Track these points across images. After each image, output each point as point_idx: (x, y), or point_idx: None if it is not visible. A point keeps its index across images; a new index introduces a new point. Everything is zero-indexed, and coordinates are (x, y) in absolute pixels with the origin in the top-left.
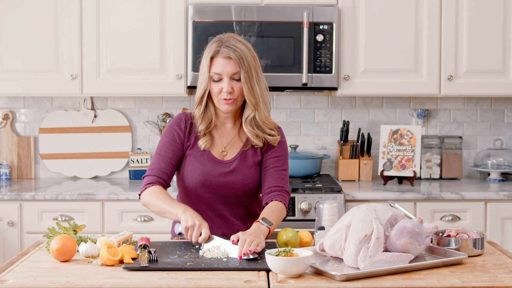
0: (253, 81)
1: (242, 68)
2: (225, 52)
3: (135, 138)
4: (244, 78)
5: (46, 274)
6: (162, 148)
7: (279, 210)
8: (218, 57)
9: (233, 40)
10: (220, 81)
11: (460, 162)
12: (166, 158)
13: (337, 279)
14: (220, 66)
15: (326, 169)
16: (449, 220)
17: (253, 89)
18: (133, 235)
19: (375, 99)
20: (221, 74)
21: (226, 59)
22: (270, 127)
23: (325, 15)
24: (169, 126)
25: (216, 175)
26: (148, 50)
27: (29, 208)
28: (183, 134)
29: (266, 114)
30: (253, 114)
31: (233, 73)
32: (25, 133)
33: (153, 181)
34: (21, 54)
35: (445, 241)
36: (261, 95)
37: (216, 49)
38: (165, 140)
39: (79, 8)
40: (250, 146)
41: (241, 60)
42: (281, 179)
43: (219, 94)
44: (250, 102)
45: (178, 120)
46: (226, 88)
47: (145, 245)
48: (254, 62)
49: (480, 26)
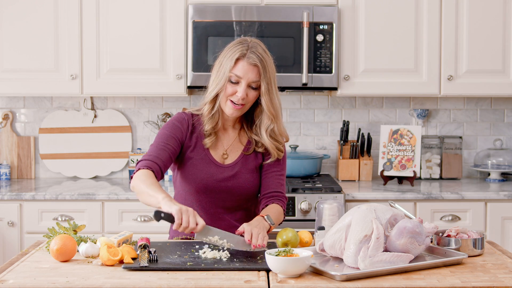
0: (273, 93)
1: (264, 79)
2: (252, 58)
3: (135, 138)
4: (265, 89)
5: (46, 274)
6: (160, 139)
7: (279, 213)
8: (243, 60)
9: (260, 48)
10: (237, 84)
11: (460, 162)
12: (163, 148)
13: (337, 279)
14: (243, 70)
15: (326, 169)
16: (449, 220)
17: (273, 101)
18: (133, 235)
19: (375, 99)
20: (241, 78)
21: (251, 66)
22: (283, 141)
23: (325, 15)
24: (170, 122)
25: (219, 179)
26: (148, 50)
27: (29, 208)
28: (185, 132)
29: (283, 125)
30: (272, 126)
31: (253, 81)
32: (25, 133)
33: (145, 165)
34: (21, 54)
35: (445, 241)
36: (280, 106)
37: (243, 52)
38: (164, 133)
39: (79, 8)
40: (252, 151)
41: (264, 71)
42: (281, 185)
43: (231, 96)
44: (271, 113)
45: (181, 119)
46: (241, 93)
47: (145, 245)
48: (274, 74)
49: (480, 26)
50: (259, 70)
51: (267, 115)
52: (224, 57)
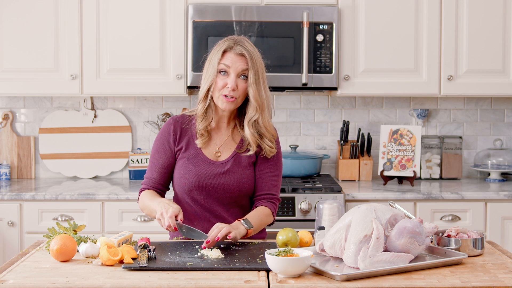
0: (260, 85)
1: (251, 68)
2: (238, 48)
3: (135, 138)
4: (252, 79)
5: (46, 274)
6: (154, 156)
7: (264, 216)
8: (231, 52)
9: (246, 42)
10: (226, 75)
11: (460, 162)
12: (158, 167)
13: (337, 279)
14: (230, 60)
15: (326, 169)
16: (449, 220)
17: (260, 92)
18: (133, 235)
19: (375, 99)
20: (230, 67)
21: (238, 56)
22: (270, 134)
23: (325, 15)
24: (159, 133)
25: (211, 176)
26: (148, 50)
27: (29, 208)
28: (173, 140)
29: (268, 119)
30: (256, 116)
31: (242, 70)
32: (25, 133)
33: (146, 187)
34: (21, 54)
35: (445, 241)
36: (267, 100)
37: (229, 45)
38: (156, 148)
39: (79, 8)
40: (245, 149)
41: (251, 60)
42: (274, 186)
43: (222, 89)
44: (257, 102)
45: (168, 126)
46: (231, 84)
47: (145, 245)
48: (262, 68)
49: (480, 26)
50: (246, 60)
51: (253, 105)
52: (213, 53)
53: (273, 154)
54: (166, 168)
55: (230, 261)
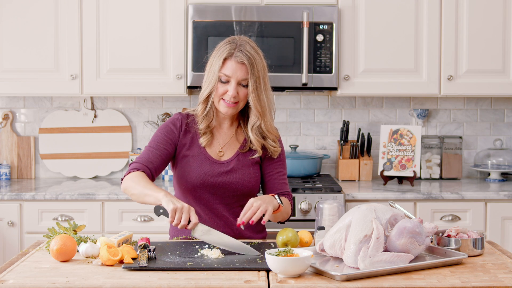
0: (261, 90)
1: (251, 76)
2: (239, 56)
3: (135, 138)
4: (252, 87)
5: (46, 274)
6: (153, 142)
7: (287, 204)
8: (231, 59)
9: (248, 46)
10: (227, 83)
11: (460, 162)
12: (156, 151)
13: (337, 279)
14: (231, 69)
15: (326, 169)
16: (449, 220)
17: (260, 98)
18: (133, 235)
19: (375, 99)
20: (230, 77)
21: (238, 64)
22: (273, 135)
23: (325, 15)
24: (164, 124)
25: (215, 175)
26: (148, 50)
27: (29, 208)
28: (178, 132)
29: (271, 122)
30: (258, 123)
31: (242, 79)
32: (25, 133)
33: (137, 167)
34: (21, 54)
35: (445, 241)
36: (268, 104)
37: (230, 51)
38: (158, 135)
39: (79, 8)
40: (248, 149)
41: (252, 68)
42: (285, 184)
43: (223, 95)
44: (257, 110)
45: (174, 119)
46: (232, 92)
47: (145, 245)
48: (263, 71)
49: (480, 26)
50: (247, 68)
51: (254, 112)
52: (214, 57)
53: (278, 153)
54: (165, 155)
55: (230, 261)
